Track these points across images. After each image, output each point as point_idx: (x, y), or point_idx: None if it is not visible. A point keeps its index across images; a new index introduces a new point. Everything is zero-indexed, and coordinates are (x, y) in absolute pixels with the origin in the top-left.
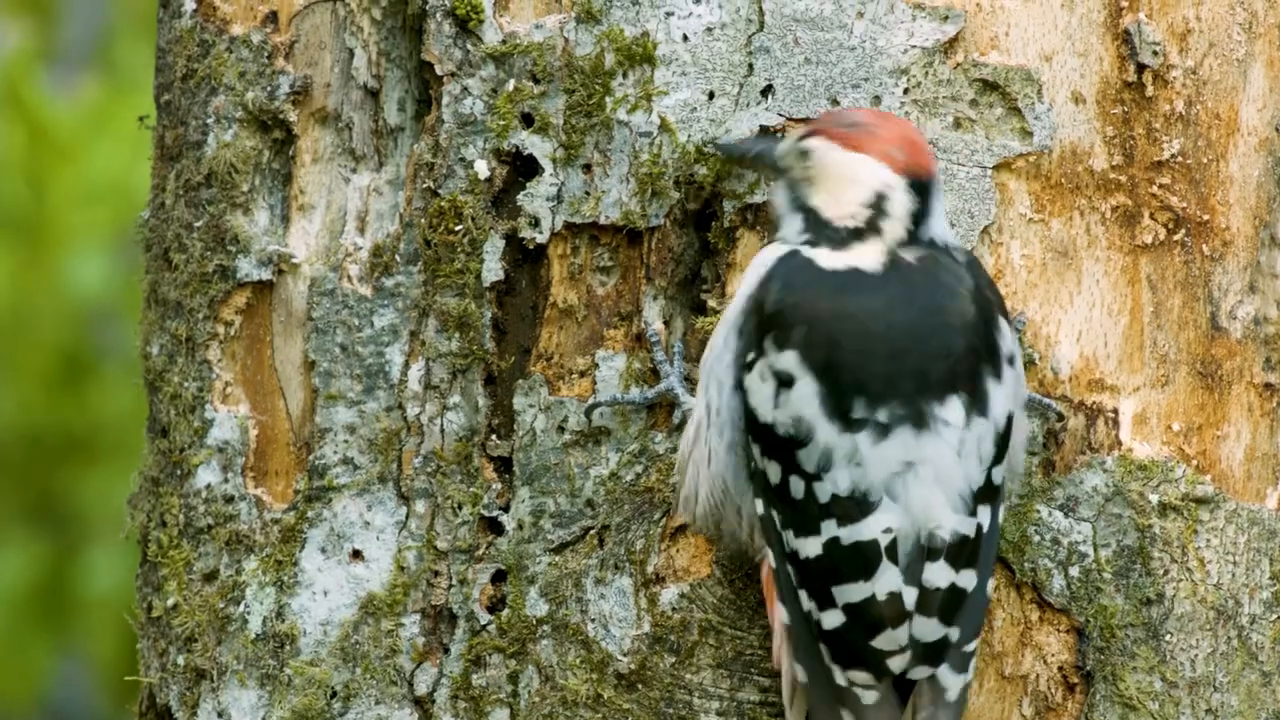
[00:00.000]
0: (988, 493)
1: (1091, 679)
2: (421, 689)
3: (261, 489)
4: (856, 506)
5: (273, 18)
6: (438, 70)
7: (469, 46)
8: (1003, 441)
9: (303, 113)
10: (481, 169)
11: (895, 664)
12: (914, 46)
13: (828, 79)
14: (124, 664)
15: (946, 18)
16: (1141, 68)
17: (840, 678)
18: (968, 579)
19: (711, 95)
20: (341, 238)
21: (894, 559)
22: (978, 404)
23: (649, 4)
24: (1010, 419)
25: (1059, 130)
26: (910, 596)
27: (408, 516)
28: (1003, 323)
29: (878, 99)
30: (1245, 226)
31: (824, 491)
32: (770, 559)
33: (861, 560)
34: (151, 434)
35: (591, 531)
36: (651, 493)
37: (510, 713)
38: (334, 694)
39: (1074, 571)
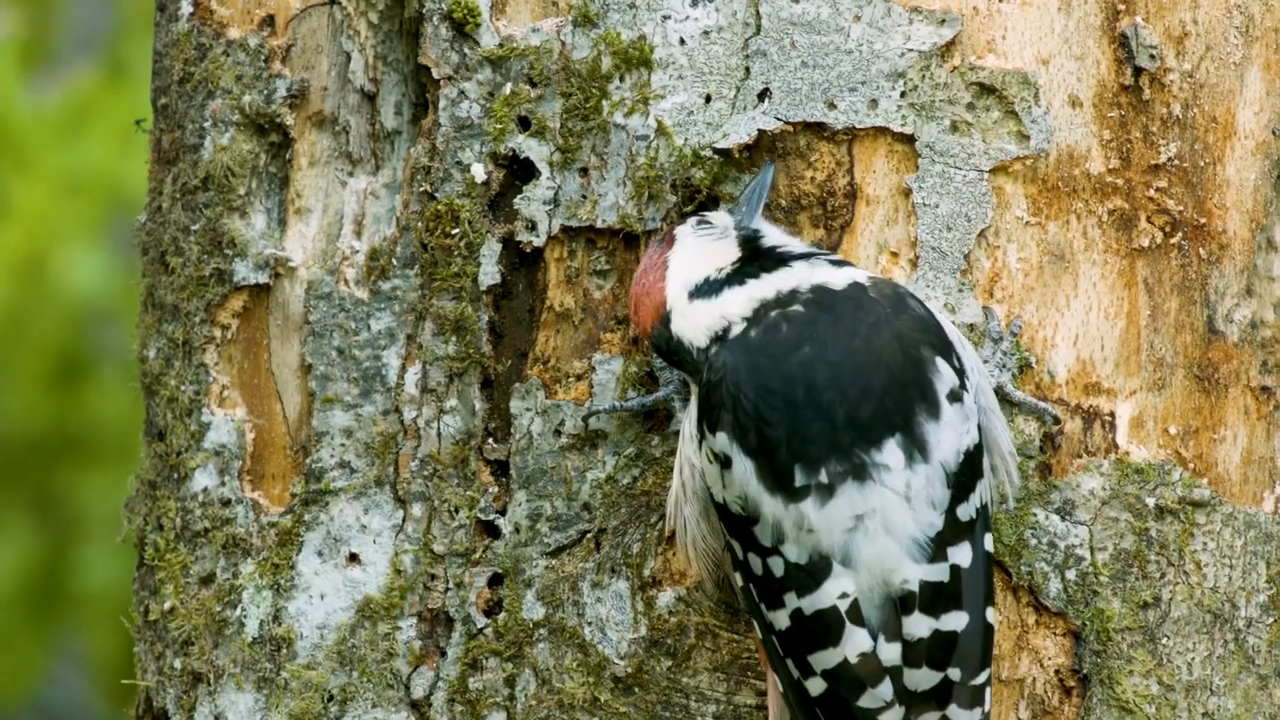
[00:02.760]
0: (957, 532)
1: (1088, 682)
2: (418, 692)
3: (258, 492)
4: (811, 576)
5: (270, 21)
6: (434, 74)
7: (466, 50)
8: (961, 479)
9: (299, 116)
10: (478, 172)
11: (889, 718)
12: (911, 50)
13: (824, 82)
14: (120, 663)
15: (943, 21)
16: (1138, 71)
17: None
18: (954, 620)
19: (708, 98)
20: (338, 241)
21: (858, 621)
22: (916, 446)
23: (646, 7)
24: (968, 455)
25: (1056, 134)
26: (892, 652)
27: (404, 520)
28: (939, 361)
29: (874, 102)
30: (1242, 230)
31: (778, 566)
32: (757, 628)
33: (824, 628)
34: (148, 437)
35: (588, 535)
36: (648, 496)
37: (507, 716)
38: (331, 697)
39: (1071, 575)
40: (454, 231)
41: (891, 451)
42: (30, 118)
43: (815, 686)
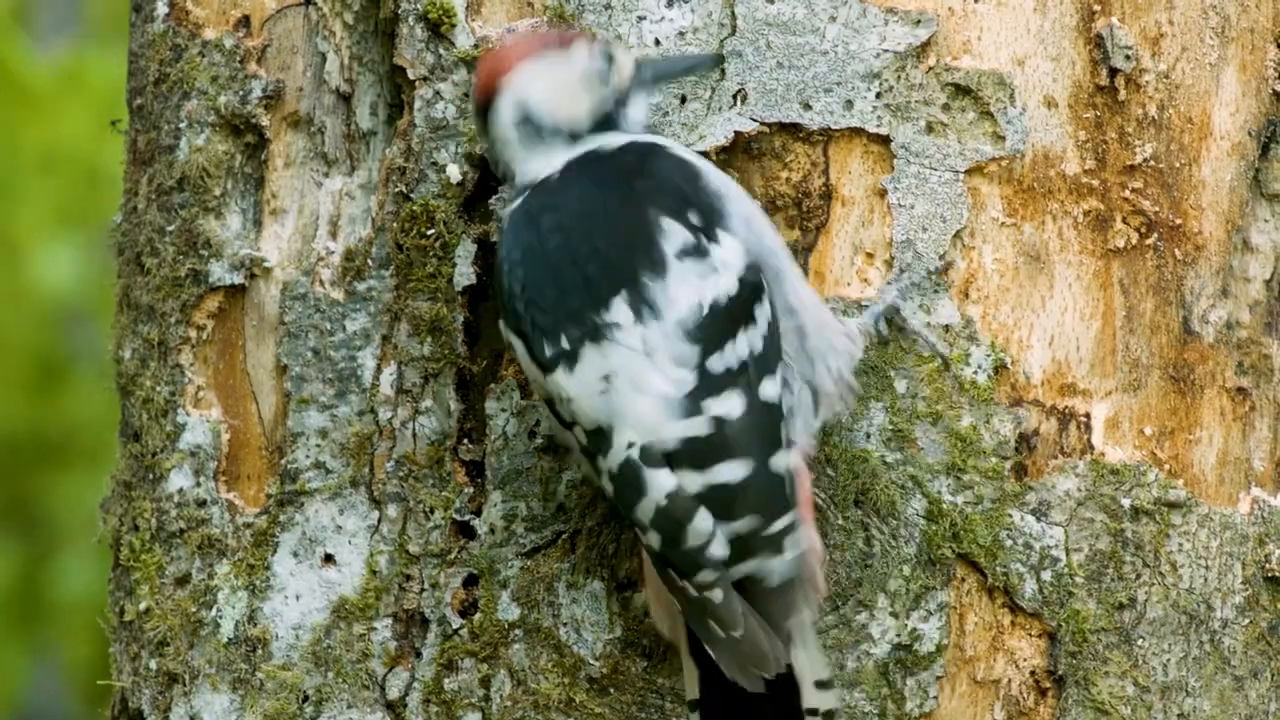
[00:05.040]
0: (716, 384)
1: (1063, 684)
2: (393, 693)
3: (233, 493)
4: (602, 436)
5: (245, 22)
6: (410, 75)
7: (441, 51)
8: (711, 332)
9: (275, 117)
10: (454, 173)
11: (716, 550)
12: (886, 51)
13: (800, 83)
14: (97, 668)
15: (919, 22)
16: (1114, 72)
17: (691, 590)
18: (729, 471)
19: (683, 99)
20: (314, 242)
21: (653, 463)
22: (645, 304)
23: (621, 8)
24: (718, 307)
25: (1031, 134)
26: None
27: (380, 521)
28: (665, 219)
29: (850, 103)
30: (1217, 231)
31: (581, 436)
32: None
33: (630, 478)
34: (123, 438)
35: (564, 536)
36: None
37: (482, 717)
38: (306, 698)
39: (1046, 576)
40: (429, 232)
41: (619, 309)
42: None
43: (652, 541)
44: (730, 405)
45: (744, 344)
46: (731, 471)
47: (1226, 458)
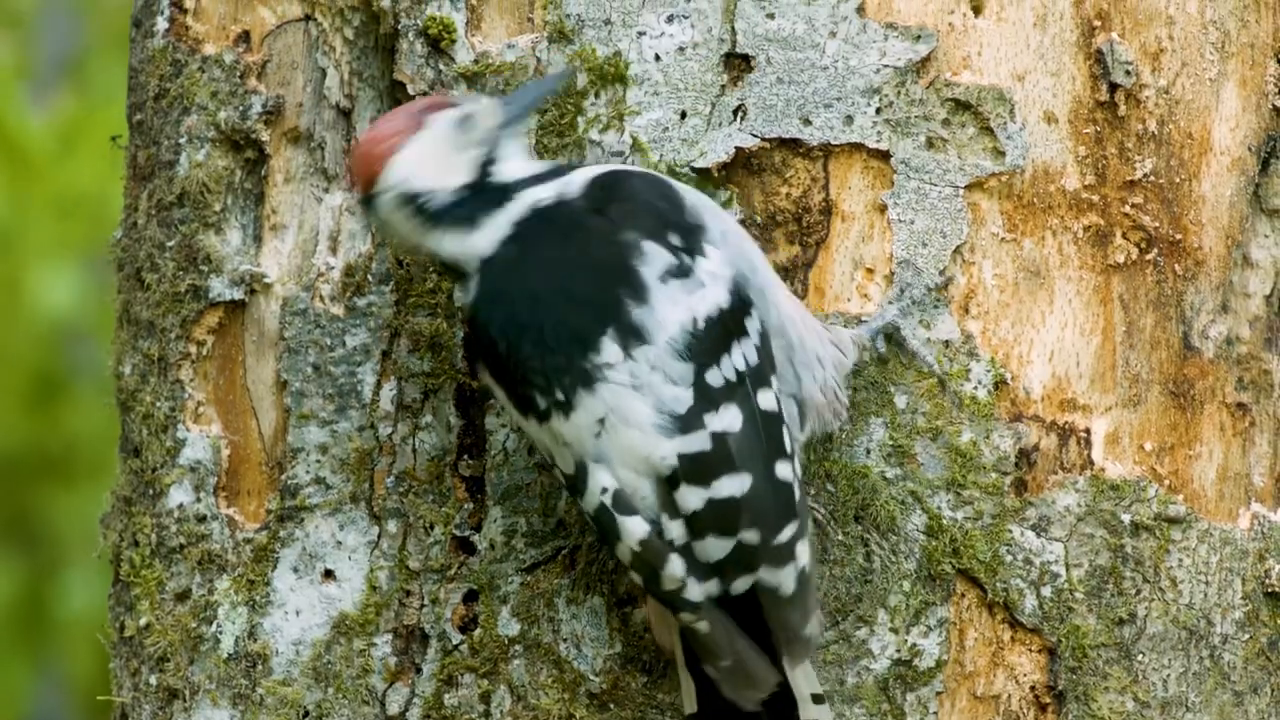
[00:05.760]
0: (713, 399)
1: (1064, 699)
2: (394, 709)
3: (234, 509)
4: (581, 479)
5: (245, 37)
6: (410, 90)
7: (441, 66)
8: (705, 347)
9: (275, 132)
10: None
11: (693, 594)
12: (886, 66)
13: (800, 98)
14: (98, 683)
15: (919, 37)
16: (1114, 87)
17: (682, 623)
18: (731, 485)
19: (684, 115)
20: (314, 257)
21: (625, 510)
22: (631, 334)
23: (621, 24)
24: (712, 320)
25: (1031, 150)
26: (678, 529)
27: (380, 536)
28: (645, 243)
29: (850, 118)
30: (1218, 246)
31: (561, 477)
32: None
33: (605, 525)
34: (124, 454)
35: (564, 551)
36: None
37: None
38: (306, 713)
39: (1046, 591)
40: None
41: (609, 347)
42: (37, 134)
43: (637, 580)
44: (730, 419)
45: (739, 356)
46: (734, 485)
47: (1226, 473)
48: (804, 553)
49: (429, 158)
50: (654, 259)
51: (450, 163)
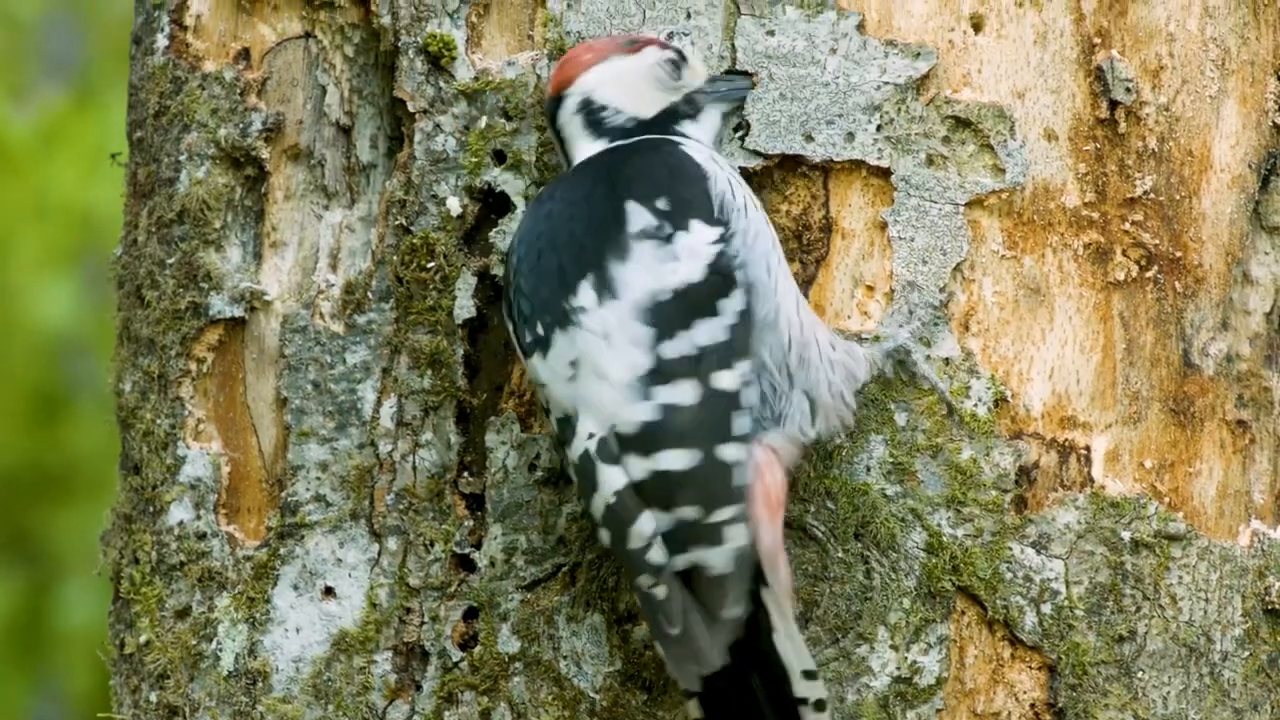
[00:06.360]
0: (668, 371)
1: (1064, 716)
2: None
3: (234, 526)
4: (568, 425)
5: (245, 55)
6: (410, 107)
7: (441, 84)
8: (666, 317)
9: (275, 150)
10: (454, 206)
11: (656, 556)
12: (887, 83)
13: (803, 114)
14: (98, 700)
15: (919, 55)
16: (1114, 104)
17: (641, 586)
18: (673, 459)
19: None
20: (314, 275)
21: (608, 459)
22: (606, 286)
23: None
24: (679, 293)
25: (1031, 167)
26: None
27: (380, 553)
28: (633, 204)
29: (851, 135)
30: (1218, 263)
31: (552, 423)
32: None
33: (586, 471)
34: (124, 471)
35: (564, 569)
36: None
37: None
38: None
39: (1046, 609)
40: (429, 265)
41: (585, 292)
42: (16, 136)
43: (604, 539)
44: (681, 393)
45: (703, 333)
46: (674, 460)
47: (1226, 490)
48: (740, 535)
49: (626, 81)
50: (636, 218)
51: (644, 94)
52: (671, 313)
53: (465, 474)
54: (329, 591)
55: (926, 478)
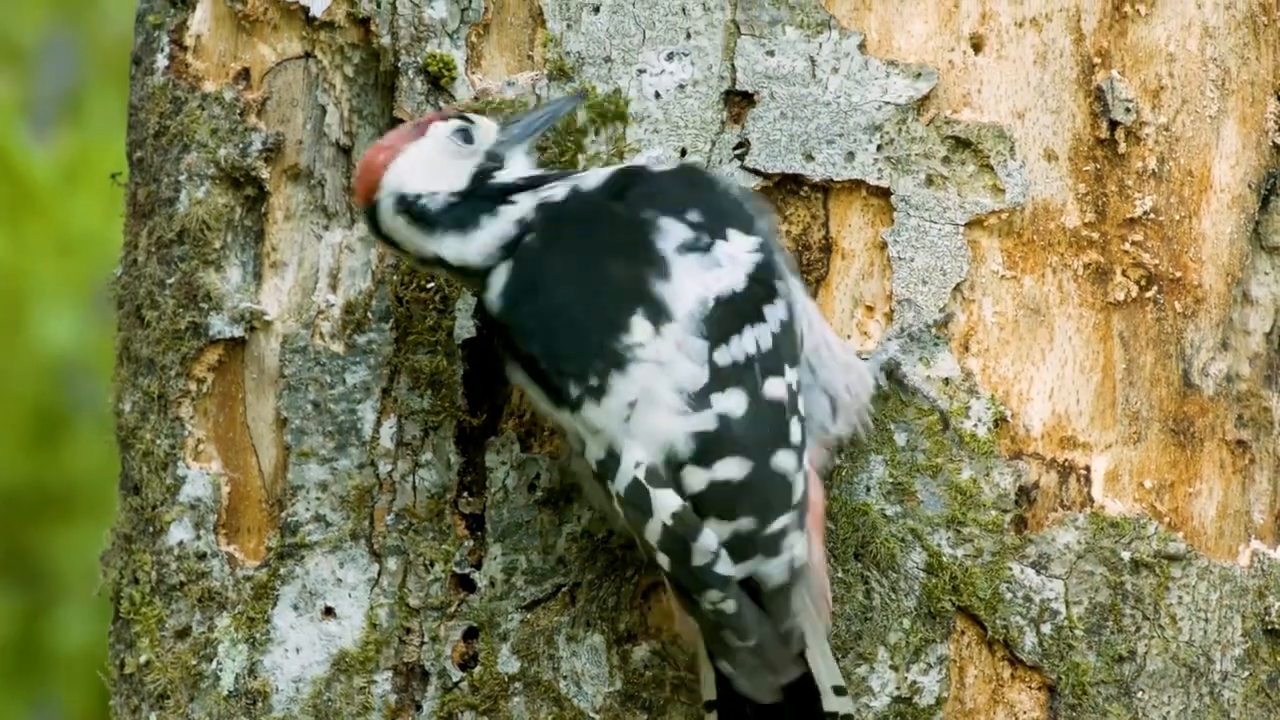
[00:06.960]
0: (722, 379)
1: None
2: None
3: (234, 546)
4: (614, 460)
5: (245, 75)
6: None
7: (441, 104)
8: (717, 324)
9: (275, 170)
10: None
11: (725, 568)
12: (887, 103)
13: (803, 134)
14: (95, 718)
15: (919, 75)
16: (1114, 125)
17: (705, 604)
18: (730, 469)
19: (684, 152)
20: (314, 295)
21: (658, 484)
22: (658, 311)
23: (621, 61)
24: (723, 300)
25: (1031, 187)
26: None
27: (380, 574)
28: (662, 219)
29: (851, 155)
30: (1218, 283)
31: (592, 461)
32: None
33: (637, 500)
34: (124, 491)
35: (564, 589)
36: (623, 550)
37: None
38: None
39: (1046, 629)
40: (429, 285)
41: (639, 326)
42: (40, 169)
43: (663, 563)
44: (734, 402)
45: (750, 339)
46: (732, 469)
47: (1226, 510)
48: (798, 545)
49: (427, 164)
50: (670, 233)
51: (448, 169)
52: (721, 321)
53: (465, 494)
54: (329, 611)
55: (926, 498)
